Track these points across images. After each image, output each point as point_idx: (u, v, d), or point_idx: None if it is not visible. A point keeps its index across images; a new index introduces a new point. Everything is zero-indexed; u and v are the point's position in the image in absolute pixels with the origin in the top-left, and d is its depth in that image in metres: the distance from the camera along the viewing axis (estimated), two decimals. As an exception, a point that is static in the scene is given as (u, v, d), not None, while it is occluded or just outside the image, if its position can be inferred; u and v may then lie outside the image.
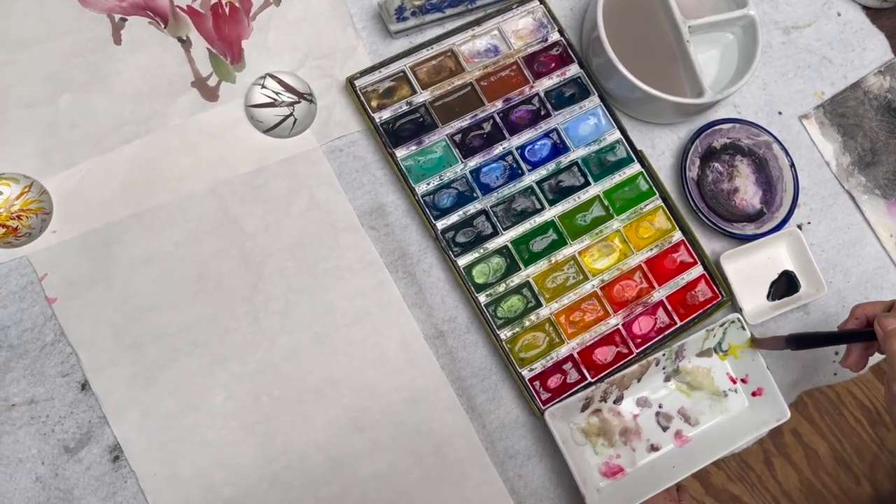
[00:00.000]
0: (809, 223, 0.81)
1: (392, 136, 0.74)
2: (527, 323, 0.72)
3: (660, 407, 0.74)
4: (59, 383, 0.66)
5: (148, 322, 0.68)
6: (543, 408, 0.70)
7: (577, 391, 0.72)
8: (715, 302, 0.76)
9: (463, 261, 0.73)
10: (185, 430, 0.67)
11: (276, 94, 0.72)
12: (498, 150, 0.75)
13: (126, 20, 0.73)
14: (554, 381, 0.72)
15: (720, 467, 1.56)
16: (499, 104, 0.76)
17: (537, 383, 0.72)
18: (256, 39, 0.75)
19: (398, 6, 0.74)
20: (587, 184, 0.76)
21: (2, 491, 0.63)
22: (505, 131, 0.76)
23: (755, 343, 0.73)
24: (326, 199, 0.73)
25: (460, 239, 0.73)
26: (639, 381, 0.73)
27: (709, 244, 0.79)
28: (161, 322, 0.69)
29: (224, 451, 0.67)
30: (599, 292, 0.74)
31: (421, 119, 0.75)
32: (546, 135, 0.77)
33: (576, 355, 0.73)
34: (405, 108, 0.74)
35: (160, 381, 0.67)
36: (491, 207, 0.74)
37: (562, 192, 0.76)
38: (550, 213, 0.75)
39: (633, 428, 0.73)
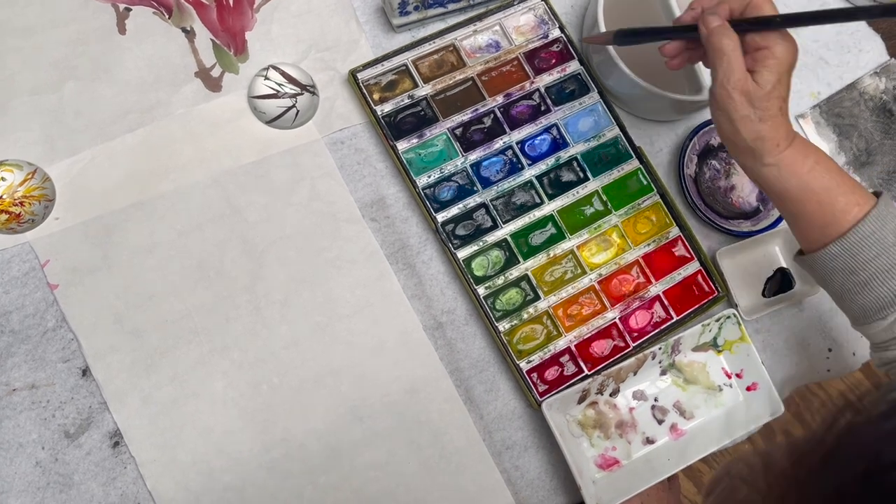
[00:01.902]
0: (805, 221, 0.82)
1: (393, 128, 0.74)
2: (525, 315, 0.73)
3: (655, 400, 0.74)
4: (60, 369, 0.66)
5: (149, 309, 0.69)
6: (541, 399, 0.71)
7: (574, 383, 0.72)
8: (711, 297, 0.77)
9: (462, 253, 0.73)
10: (185, 417, 0.68)
11: (279, 85, 0.73)
12: (498, 144, 0.76)
13: (131, 10, 0.73)
14: (551, 374, 0.73)
15: (712, 467, 1.57)
16: (499, 99, 0.77)
17: (535, 375, 0.72)
18: (260, 31, 0.75)
19: (401, 0, 0.74)
20: (586, 179, 0.77)
21: (2, 475, 0.64)
22: (505, 126, 0.76)
23: (585, 40, 0.74)
24: (328, 190, 0.74)
25: (460, 232, 0.74)
26: (635, 374, 0.74)
27: (705, 240, 0.79)
28: (162, 310, 0.69)
29: (224, 438, 0.68)
30: (597, 286, 0.75)
31: (422, 112, 0.75)
32: (546, 130, 0.77)
33: (573, 348, 0.73)
34: (407, 101, 0.75)
35: (161, 368, 0.68)
36: (491, 201, 0.75)
37: (561, 187, 0.76)
38: (549, 208, 0.76)
39: (629, 421, 0.74)
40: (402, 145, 0.74)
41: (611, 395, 0.74)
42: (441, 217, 0.73)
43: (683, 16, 0.62)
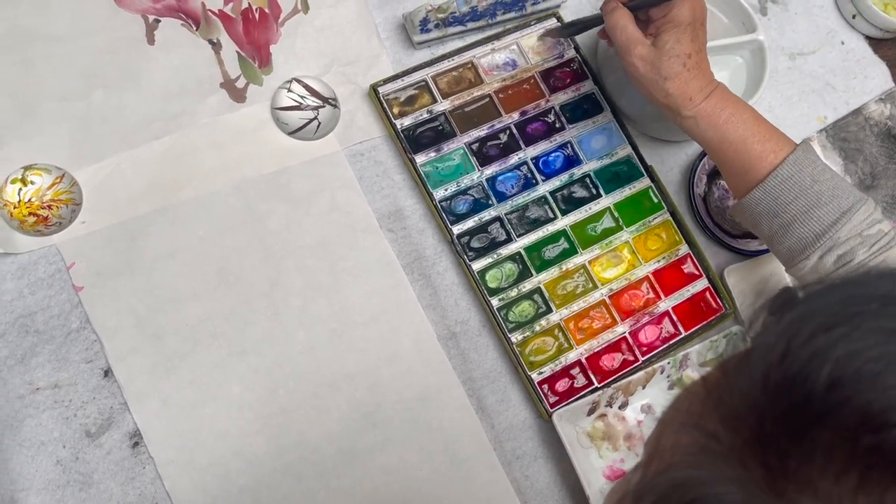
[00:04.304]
0: (810, 242, 0.84)
1: (412, 142, 0.76)
2: (537, 328, 0.75)
3: (663, 414, 0.76)
4: (82, 369, 0.68)
5: (170, 313, 0.70)
6: (551, 410, 0.72)
7: (583, 395, 0.74)
8: (719, 314, 0.78)
9: (477, 265, 0.75)
10: (202, 420, 0.69)
11: (302, 97, 0.75)
12: (513, 159, 0.78)
13: (160, 21, 0.75)
14: (562, 385, 0.74)
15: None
16: (515, 116, 0.79)
17: (546, 386, 0.74)
18: (284, 45, 0.77)
19: (422, 18, 0.77)
20: (598, 195, 0.79)
21: (23, 472, 0.65)
22: (521, 142, 0.78)
23: (548, 34, 0.82)
24: (347, 200, 0.75)
25: (475, 244, 0.75)
26: (643, 388, 0.75)
27: (714, 258, 0.81)
28: (183, 314, 0.70)
29: (240, 441, 0.69)
30: (608, 301, 0.77)
31: (440, 127, 0.77)
32: (560, 147, 0.79)
33: (583, 361, 0.75)
34: (425, 115, 0.77)
35: (180, 370, 0.69)
36: (505, 215, 0.76)
37: (574, 203, 0.78)
38: (562, 223, 0.77)
39: (637, 433, 0.75)
40: (420, 158, 0.76)
41: (620, 408, 0.75)
42: (456, 229, 0.75)
43: (602, 5, 0.71)
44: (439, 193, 0.76)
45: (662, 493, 0.26)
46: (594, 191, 0.79)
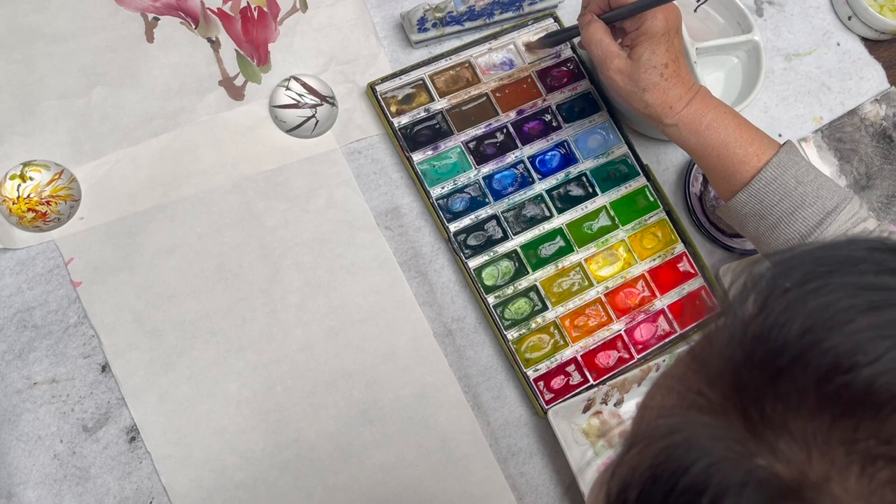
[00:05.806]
0: (806, 241, 0.84)
1: (409, 140, 0.77)
2: (533, 325, 0.75)
3: (658, 411, 0.76)
4: (80, 364, 0.68)
5: (168, 309, 0.71)
6: (547, 407, 0.72)
7: (579, 393, 0.74)
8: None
9: (473, 263, 0.75)
10: (200, 416, 0.69)
11: (300, 96, 0.75)
12: (510, 158, 0.78)
13: (159, 20, 0.76)
14: (557, 383, 0.74)
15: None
16: (512, 115, 0.79)
17: (541, 384, 0.74)
18: (283, 43, 0.78)
19: (420, 17, 0.77)
20: (594, 194, 0.79)
21: (20, 467, 0.65)
22: (517, 141, 0.79)
23: (530, 47, 0.81)
24: (344, 198, 0.76)
25: (471, 242, 0.76)
26: (639, 385, 0.75)
27: (709, 257, 0.82)
28: (181, 310, 0.71)
29: (237, 437, 0.69)
30: (603, 299, 0.77)
31: (437, 126, 0.78)
32: (556, 146, 0.80)
33: (579, 358, 0.75)
34: (423, 114, 0.78)
35: (178, 366, 0.70)
36: (502, 213, 0.77)
37: (570, 201, 0.79)
38: (559, 221, 0.78)
39: (632, 431, 0.75)
40: (417, 157, 0.76)
41: (615, 406, 0.75)
42: (453, 227, 0.76)
43: (578, 17, 0.71)
44: (436, 191, 0.76)
45: (650, 439, 0.27)
46: (590, 189, 0.79)
